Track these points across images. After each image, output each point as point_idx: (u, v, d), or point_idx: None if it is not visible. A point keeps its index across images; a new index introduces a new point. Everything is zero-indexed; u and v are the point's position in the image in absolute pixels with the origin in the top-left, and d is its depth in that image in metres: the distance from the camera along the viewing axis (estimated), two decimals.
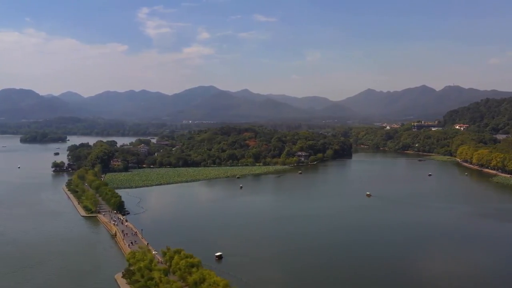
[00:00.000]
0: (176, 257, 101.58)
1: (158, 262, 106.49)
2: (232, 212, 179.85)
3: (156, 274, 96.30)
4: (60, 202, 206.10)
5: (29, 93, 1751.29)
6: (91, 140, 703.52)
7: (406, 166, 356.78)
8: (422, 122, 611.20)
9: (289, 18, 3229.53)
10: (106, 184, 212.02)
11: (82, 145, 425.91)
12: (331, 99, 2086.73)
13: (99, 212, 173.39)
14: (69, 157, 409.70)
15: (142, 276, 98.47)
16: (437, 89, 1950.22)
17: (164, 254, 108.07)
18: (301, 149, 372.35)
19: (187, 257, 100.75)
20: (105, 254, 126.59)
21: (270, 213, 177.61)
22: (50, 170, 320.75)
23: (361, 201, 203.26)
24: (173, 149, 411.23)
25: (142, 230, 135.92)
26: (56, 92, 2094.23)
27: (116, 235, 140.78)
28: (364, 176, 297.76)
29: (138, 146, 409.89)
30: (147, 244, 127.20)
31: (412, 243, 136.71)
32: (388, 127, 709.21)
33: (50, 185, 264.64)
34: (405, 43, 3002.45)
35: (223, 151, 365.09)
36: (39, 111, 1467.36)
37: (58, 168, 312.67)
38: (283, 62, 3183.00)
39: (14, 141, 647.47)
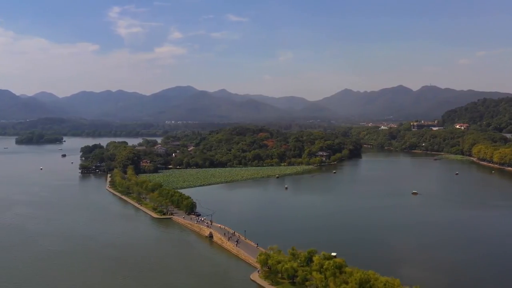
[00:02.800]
0: (316, 257, 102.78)
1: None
2: (305, 213, 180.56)
3: (300, 273, 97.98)
4: (116, 203, 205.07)
5: (5, 93, 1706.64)
6: (85, 141, 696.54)
7: (425, 165, 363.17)
8: (422, 122, 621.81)
9: (261, 18, 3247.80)
10: (161, 186, 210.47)
11: (95, 146, 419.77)
12: (308, 99, 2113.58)
13: (172, 214, 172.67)
14: (83, 158, 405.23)
15: (291, 277, 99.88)
16: (414, 89, 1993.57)
17: (293, 255, 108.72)
18: (321, 149, 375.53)
19: (326, 257, 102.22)
20: (216, 255, 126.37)
21: (344, 213, 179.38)
22: (72, 171, 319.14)
23: (414, 199, 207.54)
24: (189, 149, 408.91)
25: (245, 231, 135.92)
26: (30, 92, 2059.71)
27: (212, 236, 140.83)
28: (392, 175, 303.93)
29: (155, 147, 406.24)
30: (257, 245, 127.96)
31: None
32: (382, 126, 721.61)
33: (89, 187, 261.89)
34: (379, 44, 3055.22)
35: (244, 151, 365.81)
36: (17, 112, 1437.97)
37: (85, 170, 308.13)
38: (256, 62, 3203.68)
39: (8, 143, 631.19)
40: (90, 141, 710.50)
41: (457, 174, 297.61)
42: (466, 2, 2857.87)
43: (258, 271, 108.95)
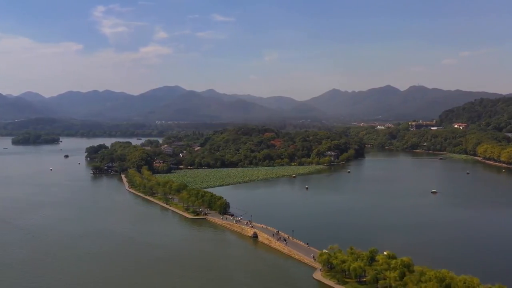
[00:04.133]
0: (380, 256, 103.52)
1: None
2: (335, 212, 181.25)
3: (371, 273, 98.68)
4: (141, 204, 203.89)
5: None
6: (80, 141, 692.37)
7: (433, 165, 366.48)
8: (421, 122, 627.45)
9: (247, 18, 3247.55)
10: (186, 186, 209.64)
11: (100, 146, 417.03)
12: (296, 99, 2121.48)
13: (205, 214, 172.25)
14: (88, 158, 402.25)
15: (360, 276, 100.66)
16: (402, 89, 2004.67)
17: (352, 254, 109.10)
18: (329, 149, 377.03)
19: (390, 256, 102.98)
20: (267, 255, 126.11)
21: (377, 212, 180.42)
22: (81, 172, 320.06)
23: (435, 198, 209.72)
24: (195, 149, 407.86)
25: (293, 231, 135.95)
26: (15, 92, 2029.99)
27: (257, 236, 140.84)
28: (405, 174, 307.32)
29: (162, 147, 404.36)
30: (307, 244, 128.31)
31: None
32: (378, 126, 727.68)
33: (107, 187, 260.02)
34: (366, 44, 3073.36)
35: (252, 151, 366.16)
36: (5, 112, 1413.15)
37: (97, 171, 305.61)
38: (242, 62, 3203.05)
39: (5, 143, 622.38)
40: (85, 141, 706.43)
41: (468, 173, 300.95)
42: (449, 3, 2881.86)
43: (320, 270, 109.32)
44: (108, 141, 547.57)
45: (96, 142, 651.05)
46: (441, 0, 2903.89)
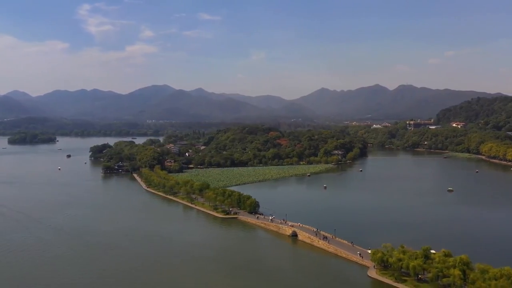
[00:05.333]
0: (436, 254, 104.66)
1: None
2: (361, 210, 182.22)
3: (432, 271, 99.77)
4: (165, 203, 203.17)
5: None
6: (76, 141, 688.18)
7: (438, 163, 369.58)
8: (419, 121, 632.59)
9: (234, 17, 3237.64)
10: (208, 185, 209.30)
11: (104, 146, 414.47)
12: (285, 98, 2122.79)
13: (235, 214, 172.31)
14: (92, 158, 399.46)
15: (416, 274, 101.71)
16: (391, 88, 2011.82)
17: (404, 252, 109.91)
18: (336, 148, 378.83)
19: (446, 254, 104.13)
20: (312, 253, 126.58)
21: (403, 210, 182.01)
22: (90, 171, 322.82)
23: (453, 196, 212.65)
24: (201, 148, 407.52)
25: (335, 230, 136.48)
26: (2, 91, 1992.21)
27: (296, 235, 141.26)
28: (415, 173, 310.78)
29: (169, 146, 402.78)
30: (352, 242, 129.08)
31: None
32: (374, 125, 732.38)
33: (122, 186, 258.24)
34: (353, 43, 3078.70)
35: (259, 150, 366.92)
36: None
37: (108, 170, 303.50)
38: (229, 61, 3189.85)
39: (1, 143, 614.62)
40: (81, 141, 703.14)
41: (477, 172, 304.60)
42: (433, 3, 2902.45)
43: (374, 268, 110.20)
44: (103, 141, 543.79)
45: (91, 141, 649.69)
46: (425, 0, 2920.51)
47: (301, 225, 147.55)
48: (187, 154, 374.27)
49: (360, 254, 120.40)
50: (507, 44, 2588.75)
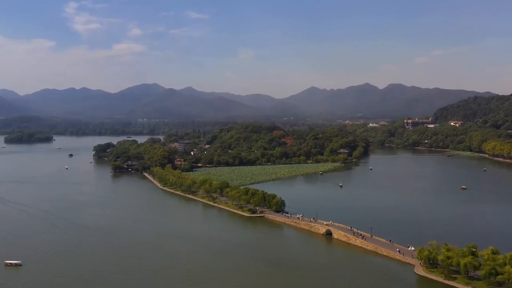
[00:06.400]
0: (486, 252, 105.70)
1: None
2: (384, 207, 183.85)
3: (485, 268, 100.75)
4: (185, 202, 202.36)
5: None
6: (72, 140, 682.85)
7: (444, 162, 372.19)
8: (417, 119, 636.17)
9: (222, 15, 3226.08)
10: (228, 184, 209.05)
11: (108, 145, 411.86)
12: (275, 97, 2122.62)
13: (261, 212, 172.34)
14: (95, 157, 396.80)
15: (466, 271, 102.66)
16: (380, 87, 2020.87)
17: (448, 250, 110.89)
18: (341, 147, 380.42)
19: (494, 252, 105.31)
20: (351, 252, 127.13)
21: (426, 208, 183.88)
22: (97, 170, 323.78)
23: (468, 194, 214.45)
24: (206, 147, 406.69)
25: (372, 228, 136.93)
26: None
27: (331, 233, 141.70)
28: (425, 171, 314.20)
29: (174, 145, 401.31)
30: (390, 240, 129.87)
31: None
32: (371, 124, 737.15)
33: (136, 185, 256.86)
34: (341, 43, 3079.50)
35: (265, 149, 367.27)
36: None
37: (117, 169, 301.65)
38: (217, 60, 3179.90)
39: None
40: (77, 140, 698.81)
41: (485, 170, 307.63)
42: (420, 2, 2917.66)
43: (421, 265, 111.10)
44: (99, 140, 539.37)
45: (87, 140, 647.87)
46: (412, 0, 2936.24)
47: (332, 223, 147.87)
48: (192, 153, 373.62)
49: (399, 251, 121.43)
50: (494, 44, 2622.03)
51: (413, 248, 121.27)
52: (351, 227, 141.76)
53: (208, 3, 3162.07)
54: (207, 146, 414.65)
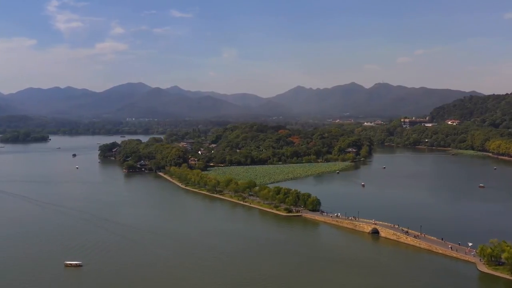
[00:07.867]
0: None
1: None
2: (413, 204, 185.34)
3: None
4: (211, 201, 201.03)
5: None
6: (68, 140, 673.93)
7: (451, 160, 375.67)
8: (414, 119, 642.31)
9: (205, 14, 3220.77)
10: (255, 184, 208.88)
11: (113, 145, 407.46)
12: (261, 96, 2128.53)
13: (298, 212, 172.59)
14: (101, 157, 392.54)
15: None
16: (367, 87, 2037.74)
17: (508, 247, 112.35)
18: (349, 146, 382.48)
19: None
20: (404, 250, 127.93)
21: (454, 206, 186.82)
22: (108, 170, 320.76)
23: (486, 192, 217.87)
24: (211, 146, 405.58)
25: (421, 226, 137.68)
26: None
27: (377, 232, 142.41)
28: (436, 170, 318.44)
29: (181, 145, 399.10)
30: (442, 238, 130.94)
31: None
32: (366, 123, 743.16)
33: (154, 185, 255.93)
34: (325, 42, 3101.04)
35: (274, 148, 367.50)
36: None
37: (131, 169, 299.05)
38: (200, 59, 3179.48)
39: None
40: (71, 139, 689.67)
41: (495, 168, 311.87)
42: (402, 3, 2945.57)
43: (483, 262, 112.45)
44: (93, 139, 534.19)
45: (82, 140, 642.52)
46: (394, 0, 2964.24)
47: (375, 221, 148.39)
48: (199, 152, 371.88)
49: (451, 248, 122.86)
50: (474, 44, 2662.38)
51: (470, 244, 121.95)
52: (398, 225, 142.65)
53: (192, 1, 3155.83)
54: (213, 145, 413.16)
